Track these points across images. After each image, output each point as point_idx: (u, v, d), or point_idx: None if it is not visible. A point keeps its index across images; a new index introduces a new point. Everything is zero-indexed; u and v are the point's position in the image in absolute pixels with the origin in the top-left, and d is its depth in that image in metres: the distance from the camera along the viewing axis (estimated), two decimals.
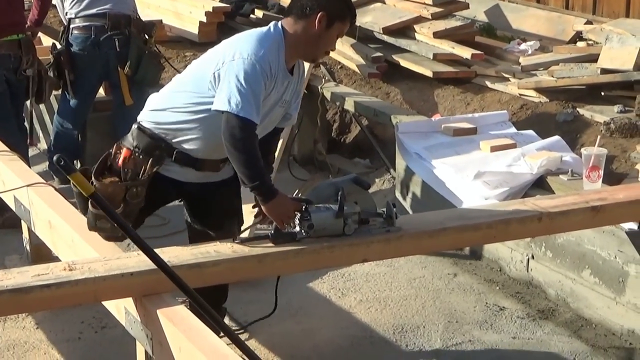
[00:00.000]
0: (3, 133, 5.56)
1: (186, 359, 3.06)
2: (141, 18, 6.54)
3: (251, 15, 8.35)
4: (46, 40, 7.39)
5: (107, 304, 3.60)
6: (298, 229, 3.63)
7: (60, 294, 3.26)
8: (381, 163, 6.60)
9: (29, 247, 5.02)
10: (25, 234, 5.03)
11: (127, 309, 3.41)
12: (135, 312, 3.35)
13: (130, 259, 3.42)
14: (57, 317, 4.65)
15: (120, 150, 3.90)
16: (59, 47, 6.30)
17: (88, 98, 6.49)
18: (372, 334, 4.64)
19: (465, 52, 6.66)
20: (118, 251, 3.65)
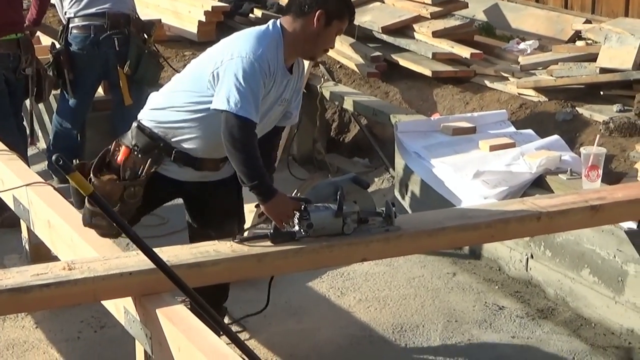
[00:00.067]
0: (2, 132, 5.57)
1: (185, 358, 3.06)
2: (140, 17, 6.54)
3: (250, 15, 8.35)
4: (45, 40, 7.39)
5: (106, 303, 3.60)
6: (297, 228, 3.62)
7: (60, 294, 3.25)
8: (380, 162, 6.60)
9: (28, 247, 5.03)
10: (25, 233, 5.03)
11: (127, 308, 3.41)
12: (135, 312, 3.35)
13: (129, 259, 3.42)
14: (57, 316, 4.65)
15: (120, 148, 3.90)
16: (58, 46, 6.29)
17: (87, 97, 6.49)
18: (371, 333, 4.64)
19: (465, 52, 6.66)
20: (117, 251, 3.65)
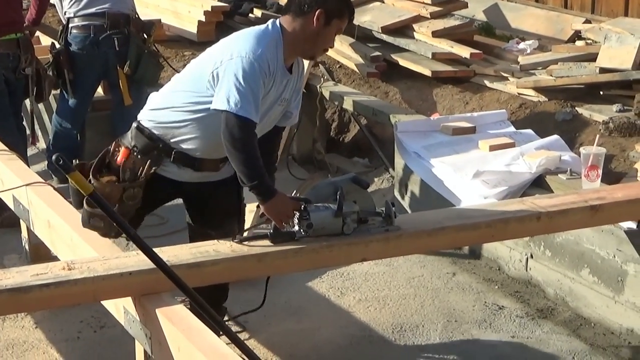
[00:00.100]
0: (2, 132, 5.57)
1: (185, 358, 3.06)
2: (140, 17, 6.54)
3: (250, 15, 8.34)
4: (45, 40, 7.39)
5: (106, 303, 3.60)
6: (297, 228, 3.62)
7: (59, 294, 3.25)
8: (380, 162, 6.60)
9: (28, 247, 5.03)
10: (24, 233, 5.03)
11: (126, 308, 3.41)
12: (134, 312, 3.35)
13: (129, 259, 3.42)
14: (56, 316, 4.65)
15: (119, 149, 3.89)
16: (58, 46, 6.29)
17: (87, 97, 6.49)
18: (371, 333, 4.64)
19: (464, 52, 6.66)
20: (117, 251, 3.65)
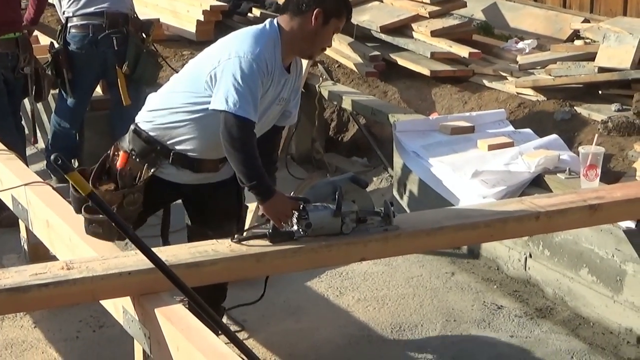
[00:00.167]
0: (1, 132, 5.58)
1: (184, 358, 3.06)
2: (138, 17, 6.53)
3: (248, 14, 8.34)
4: (44, 39, 7.38)
5: (105, 303, 3.60)
6: (296, 227, 3.62)
7: (58, 293, 3.25)
8: (379, 162, 6.60)
9: (27, 246, 5.02)
10: (23, 233, 5.03)
11: (125, 308, 3.41)
12: (133, 311, 3.35)
13: (128, 258, 3.42)
14: (55, 316, 4.65)
15: (118, 152, 3.90)
16: (57, 46, 6.29)
17: (85, 97, 6.49)
18: (370, 333, 4.64)
19: (463, 51, 6.66)
20: (116, 250, 3.65)
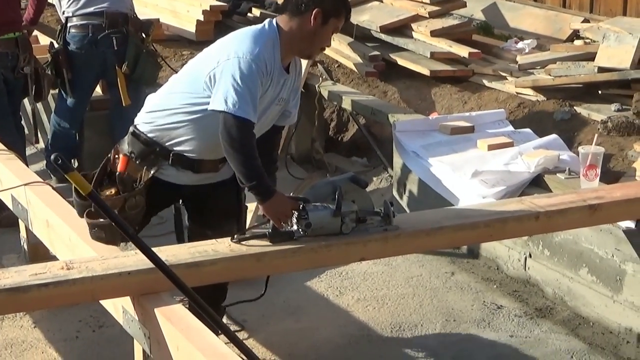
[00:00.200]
0: (1, 132, 5.57)
1: (184, 357, 3.06)
2: (138, 16, 6.53)
3: (248, 14, 8.34)
4: (44, 39, 7.38)
5: (104, 303, 3.60)
6: (296, 227, 3.62)
7: (58, 293, 3.25)
8: (379, 162, 6.60)
9: (27, 246, 5.02)
10: (23, 233, 5.03)
11: (125, 307, 3.41)
12: (133, 311, 3.35)
13: (127, 258, 3.42)
14: (55, 316, 4.65)
15: (118, 156, 3.90)
16: (57, 45, 6.29)
17: (85, 97, 6.49)
18: (369, 333, 4.64)
19: (463, 51, 6.66)
20: (116, 250, 3.65)
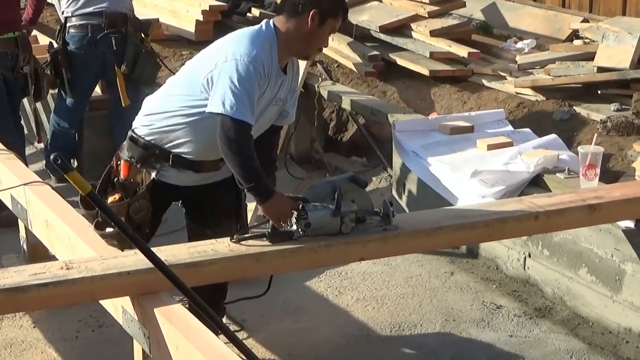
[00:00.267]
0: (0, 131, 5.57)
1: (183, 357, 3.06)
2: (137, 16, 6.53)
3: (248, 14, 8.34)
4: (43, 39, 7.38)
5: (104, 302, 3.59)
6: (295, 227, 3.62)
7: (58, 293, 3.25)
8: (378, 161, 6.60)
9: (26, 246, 5.03)
10: (22, 232, 5.03)
11: (125, 307, 3.41)
12: (133, 311, 3.35)
13: (127, 258, 3.42)
14: (54, 316, 4.65)
15: (119, 162, 3.92)
16: (56, 45, 6.29)
17: (85, 97, 6.49)
18: (369, 333, 4.64)
19: (462, 51, 6.66)
20: (115, 250, 3.65)
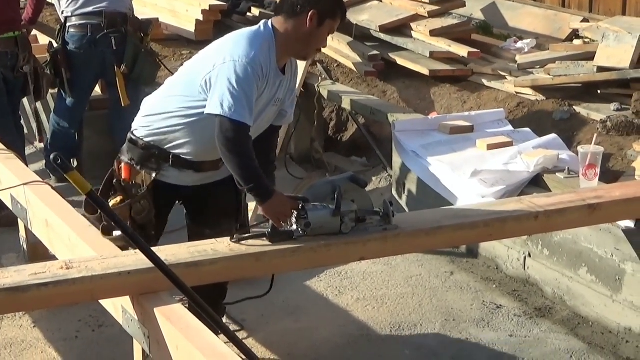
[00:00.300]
0: (0, 131, 5.56)
1: (183, 357, 3.06)
2: (137, 16, 6.53)
3: (247, 14, 8.34)
4: (43, 39, 7.38)
5: (104, 302, 3.59)
6: (295, 227, 3.62)
7: (58, 293, 3.25)
8: (378, 161, 6.60)
9: (26, 246, 5.02)
10: (22, 232, 5.03)
11: (125, 307, 3.41)
12: (133, 311, 3.35)
13: (127, 258, 3.42)
14: (54, 315, 4.65)
15: (121, 165, 3.93)
16: (56, 45, 6.29)
17: (84, 96, 6.49)
18: (369, 332, 4.64)
19: (462, 50, 6.66)
20: (115, 250, 3.65)
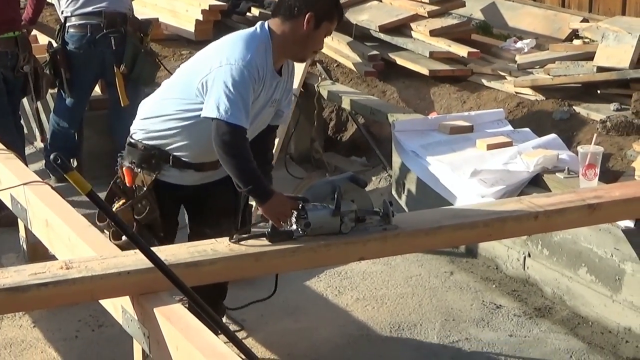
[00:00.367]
0: (0, 131, 5.57)
1: (183, 357, 3.06)
2: (137, 16, 6.53)
3: (247, 14, 8.34)
4: (42, 39, 7.38)
5: (104, 302, 3.59)
6: (295, 227, 3.62)
7: (57, 293, 3.25)
8: (378, 161, 6.60)
9: (26, 246, 5.02)
10: (22, 232, 5.03)
11: (124, 307, 3.41)
12: (133, 311, 3.35)
13: (127, 258, 3.42)
14: (54, 315, 4.65)
15: (122, 170, 3.94)
16: (55, 45, 6.29)
17: (84, 96, 6.49)
18: (369, 332, 4.64)
19: (462, 50, 6.67)
20: (115, 250, 3.65)
